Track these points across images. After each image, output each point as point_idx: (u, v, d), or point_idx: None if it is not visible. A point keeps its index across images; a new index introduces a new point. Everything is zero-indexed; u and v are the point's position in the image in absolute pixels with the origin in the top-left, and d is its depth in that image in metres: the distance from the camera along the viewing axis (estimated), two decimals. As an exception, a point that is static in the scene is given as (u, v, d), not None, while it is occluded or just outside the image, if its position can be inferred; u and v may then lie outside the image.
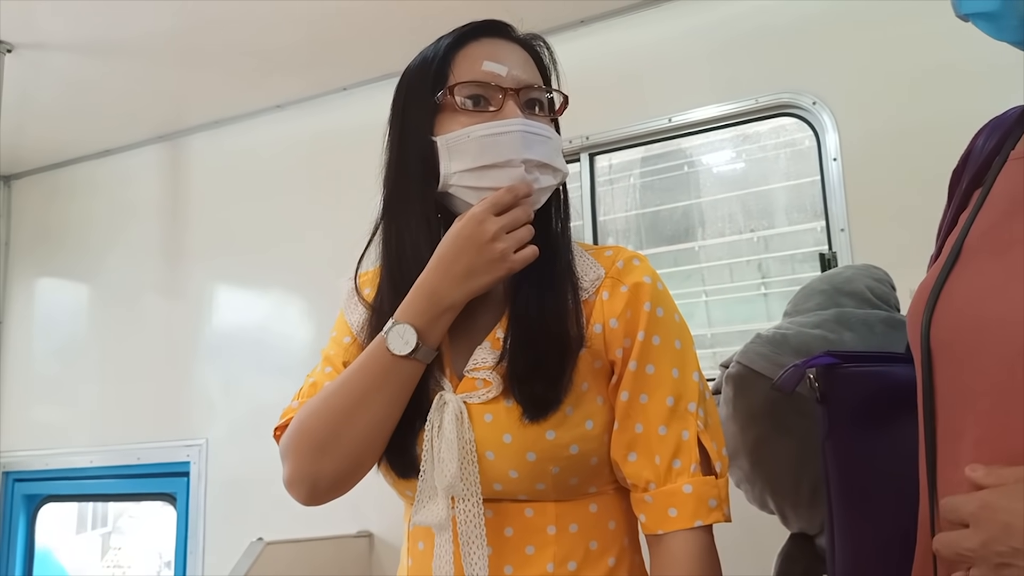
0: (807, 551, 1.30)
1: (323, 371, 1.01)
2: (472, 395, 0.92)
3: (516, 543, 0.90)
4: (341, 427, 0.90)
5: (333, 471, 0.91)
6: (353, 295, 1.04)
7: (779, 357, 1.21)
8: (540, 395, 0.89)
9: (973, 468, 0.64)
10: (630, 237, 2.50)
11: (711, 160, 2.45)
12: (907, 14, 2.01)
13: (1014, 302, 0.66)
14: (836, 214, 2.06)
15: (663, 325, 0.96)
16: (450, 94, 0.92)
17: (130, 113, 2.98)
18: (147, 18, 2.33)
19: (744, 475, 1.34)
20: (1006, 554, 0.58)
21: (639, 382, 0.93)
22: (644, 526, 0.93)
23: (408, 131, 0.97)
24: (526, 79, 0.95)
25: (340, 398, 0.91)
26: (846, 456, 0.95)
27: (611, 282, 0.96)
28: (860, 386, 0.95)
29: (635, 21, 2.41)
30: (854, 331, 1.24)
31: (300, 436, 0.92)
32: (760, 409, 1.25)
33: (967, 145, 0.88)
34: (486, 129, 0.90)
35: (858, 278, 1.36)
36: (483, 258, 0.87)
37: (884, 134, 2.02)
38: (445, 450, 0.88)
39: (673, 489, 0.90)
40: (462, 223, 0.89)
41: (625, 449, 0.92)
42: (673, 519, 0.89)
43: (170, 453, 2.92)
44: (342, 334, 1.03)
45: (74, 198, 3.40)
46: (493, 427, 0.90)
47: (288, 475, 0.93)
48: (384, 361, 0.89)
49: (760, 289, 2.32)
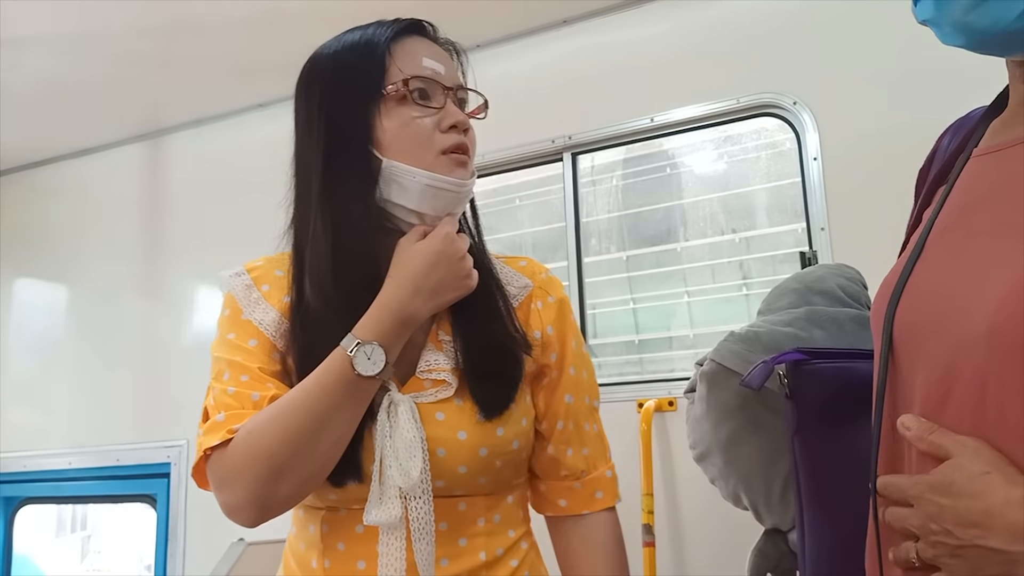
0: (780, 547, 1.32)
1: (239, 379, 0.92)
2: (422, 395, 0.94)
3: (450, 536, 0.93)
4: (303, 449, 0.85)
5: (289, 494, 0.87)
6: (252, 291, 0.98)
7: (751, 354, 1.23)
8: (498, 395, 0.96)
9: (906, 425, 0.69)
10: (612, 238, 2.50)
11: (693, 161, 2.46)
12: (886, 16, 2.02)
13: (968, 297, 0.68)
14: (816, 214, 2.08)
15: (579, 334, 1.08)
16: (404, 86, 0.93)
17: (110, 112, 2.96)
18: (128, 16, 2.31)
19: (718, 471, 1.36)
20: (939, 533, 0.64)
21: (572, 385, 1.04)
22: (564, 508, 1.05)
23: (341, 126, 0.95)
24: (457, 79, 1.01)
25: (301, 419, 0.85)
26: (814, 450, 0.96)
27: (541, 292, 1.06)
28: (827, 382, 0.97)
29: (617, 21, 2.42)
30: (824, 329, 1.26)
31: (254, 459, 0.85)
32: (733, 406, 1.27)
33: (933, 144, 0.90)
34: (430, 179, 0.92)
35: (829, 277, 1.38)
36: (453, 274, 0.92)
37: (864, 134, 2.04)
38: (404, 450, 0.88)
39: (599, 475, 1.07)
40: (434, 240, 0.91)
41: (564, 445, 1.04)
42: (599, 500, 1.06)
43: (150, 454, 2.90)
44: (244, 336, 0.95)
45: (52, 198, 3.37)
46: (445, 425, 0.93)
47: (235, 500, 0.86)
48: (348, 381, 0.87)
49: (742, 290, 2.33)
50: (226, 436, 0.86)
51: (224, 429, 0.87)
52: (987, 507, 0.61)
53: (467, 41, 1.03)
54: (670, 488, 2.12)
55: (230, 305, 0.98)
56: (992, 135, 0.79)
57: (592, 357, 2.40)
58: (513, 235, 2.62)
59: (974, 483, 0.62)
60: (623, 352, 2.45)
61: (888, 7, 2.01)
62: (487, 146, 2.56)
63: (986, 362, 0.64)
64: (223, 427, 0.88)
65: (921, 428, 0.68)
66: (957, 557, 0.63)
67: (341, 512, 0.93)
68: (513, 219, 2.63)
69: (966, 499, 0.62)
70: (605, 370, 2.43)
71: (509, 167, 2.55)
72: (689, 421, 1.44)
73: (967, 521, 0.62)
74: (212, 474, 0.88)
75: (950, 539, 0.63)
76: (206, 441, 0.88)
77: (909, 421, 0.69)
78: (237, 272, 1.00)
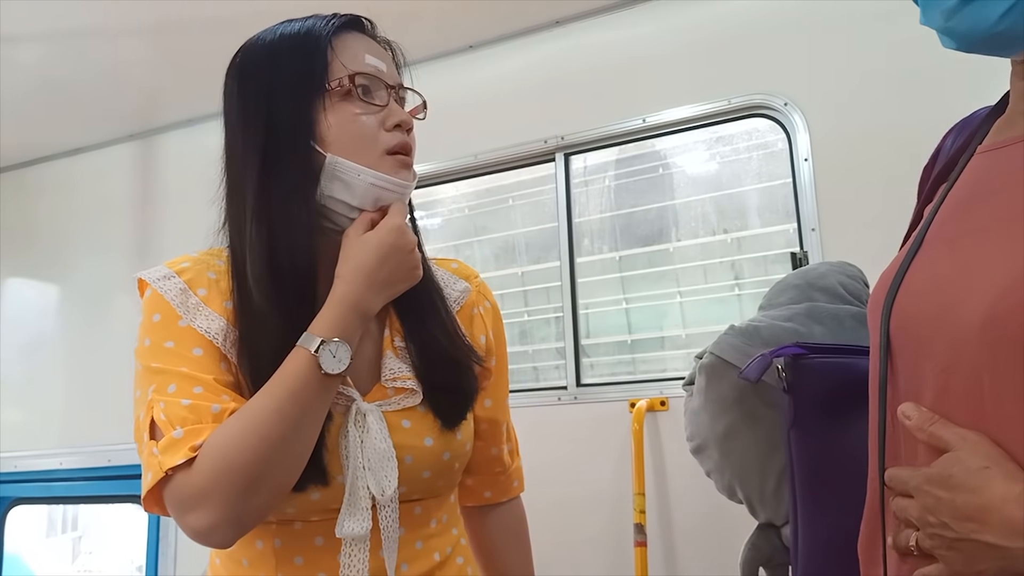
0: (773, 541, 1.32)
1: (192, 391, 0.84)
2: (386, 403, 0.93)
3: (408, 540, 0.94)
4: (277, 458, 0.81)
5: (263, 507, 0.82)
6: (188, 296, 0.91)
7: (750, 348, 1.24)
8: (457, 406, 0.97)
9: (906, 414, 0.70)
10: (605, 238, 2.51)
11: (685, 162, 2.46)
12: (877, 18, 2.04)
13: (965, 289, 0.68)
14: (807, 214, 2.09)
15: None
16: (349, 82, 0.91)
17: (102, 110, 2.95)
18: (120, 15, 2.31)
19: (714, 464, 1.36)
20: (936, 525, 0.65)
21: (504, 387, 1.11)
22: (489, 499, 1.13)
23: (280, 119, 0.91)
24: (397, 77, 0.98)
25: (273, 427, 0.80)
26: (809, 445, 0.97)
27: (479, 297, 1.08)
28: (826, 377, 0.97)
29: (609, 22, 2.42)
30: (824, 325, 1.27)
31: (228, 474, 0.79)
32: (731, 399, 1.28)
33: (937, 144, 0.91)
34: (376, 179, 0.90)
35: (831, 274, 1.39)
36: (404, 267, 0.91)
37: (854, 135, 2.05)
38: (377, 461, 0.88)
39: (516, 466, 1.15)
40: (386, 232, 0.89)
41: (501, 443, 1.10)
42: (515, 488, 1.15)
43: (134, 458, 2.89)
44: (186, 344, 0.88)
45: (45, 196, 3.36)
46: (412, 432, 0.93)
47: (209, 521, 0.79)
48: (315, 382, 0.83)
49: (734, 290, 2.34)
50: (189, 454, 0.80)
51: (186, 446, 0.80)
52: (985, 502, 0.61)
53: (459, 42, 1.03)
54: (662, 488, 2.12)
55: (161, 309, 0.90)
56: (995, 133, 0.80)
57: (584, 357, 2.42)
58: (506, 235, 2.62)
59: (973, 477, 0.63)
60: (615, 352, 2.45)
61: (878, 9, 2.03)
62: (480, 146, 2.59)
63: (982, 355, 0.65)
64: (184, 444, 0.81)
65: (921, 418, 0.68)
66: (954, 550, 0.64)
67: (296, 525, 0.90)
68: (506, 219, 2.64)
69: (964, 493, 0.63)
70: (597, 370, 2.44)
71: (502, 167, 2.55)
72: (687, 413, 1.45)
73: (964, 515, 0.62)
74: (176, 496, 0.81)
75: (947, 532, 0.64)
76: (167, 460, 0.80)
77: (909, 410, 0.70)
78: (165, 275, 0.93)
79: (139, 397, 0.88)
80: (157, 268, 0.94)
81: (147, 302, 0.92)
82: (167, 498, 0.82)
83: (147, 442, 0.84)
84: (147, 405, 0.85)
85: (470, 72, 2.57)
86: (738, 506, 1.41)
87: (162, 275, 0.93)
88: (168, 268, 0.94)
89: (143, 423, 0.86)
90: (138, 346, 0.91)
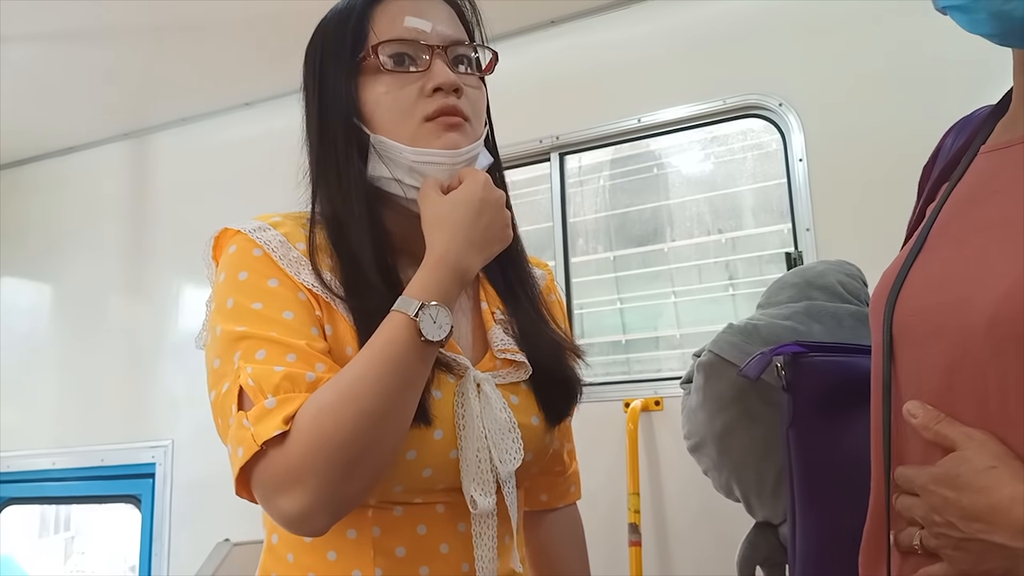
0: (770, 540, 1.32)
1: (285, 359, 0.76)
2: (497, 375, 0.86)
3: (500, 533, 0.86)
4: (377, 432, 0.72)
5: (360, 490, 0.74)
6: (289, 248, 0.83)
7: (749, 346, 1.24)
8: (569, 390, 0.92)
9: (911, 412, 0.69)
10: (599, 238, 2.51)
11: (680, 162, 2.46)
12: (872, 19, 2.04)
13: (970, 288, 0.68)
14: (802, 214, 2.09)
15: None
16: (373, 54, 0.85)
17: (95, 109, 2.94)
18: (113, 14, 2.30)
19: (712, 463, 1.36)
20: (943, 525, 0.64)
21: None
22: (545, 503, 1.05)
23: (328, 98, 0.88)
24: (452, 35, 0.89)
25: (372, 398, 0.72)
26: (808, 443, 0.97)
27: (553, 286, 1.05)
28: (825, 375, 0.97)
29: (605, 22, 2.42)
30: (823, 323, 1.27)
31: (325, 450, 0.70)
32: (729, 397, 1.28)
33: (937, 143, 0.91)
34: (416, 155, 0.84)
35: (830, 273, 1.39)
36: (498, 223, 0.83)
37: (849, 135, 2.06)
38: (498, 433, 0.81)
39: (575, 469, 1.08)
40: (474, 187, 0.82)
41: (564, 439, 1.04)
42: (572, 494, 1.07)
43: (134, 454, 2.88)
44: (278, 306, 0.79)
45: (37, 195, 3.34)
46: (521, 409, 0.86)
47: (305, 504, 0.70)
48: (415, 349, 0.74)
49: (728, 290, 2.34)
50: (283, 426, 0.70)
51: (280, 417, 0.71)
52: (993, 503, 0.61)
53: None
54: (656, 487, 2.12)
55: (249, 266, 0.81)
56: (999, 133, 0.80)
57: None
58: (500, 235, 2.61)
59: (980, 477, 0.62)
60: (610, 352, 2.45)
61: (873, 10, 2.03)
62: (475, 146, 2.57)
63: (987, 354, 0.65)
64: (278, 414, 0.71)
65: (927, 416, 0.68)
66: (960, 550, 0.63)
67: (396, 511, 0.80)
68: (500, 219, 2.63)
69: (971, 493, 0.62)
70: (592, 370, 2.44)
71: (497, 167, 2.55)
72: (684, 411, 1.44)
73: (972, 515, 0.62)
74: (267, 475, 0.71)
75: (953, 531, 0.63)
76: (261, 431, 0.70)
77: (915, 408, 0.69)
78: (259, 227, 0.85)
79: (218, 368, 0.78)
80: (247, 221, 0.86)
81: (231, 258, 0.83)
82: (257, 478, 0.72)
83: (235, 413, 0.74)
84: (233, 374, 0.76)
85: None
86: (732, 506, 1.41)
87: (256, 226, 0.85)
88: (261, 221, 0.86)
89: (227, 395, 0.76)
90: (215, 308, 0.81)
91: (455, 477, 0.80)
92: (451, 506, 0.82)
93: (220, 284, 0.82)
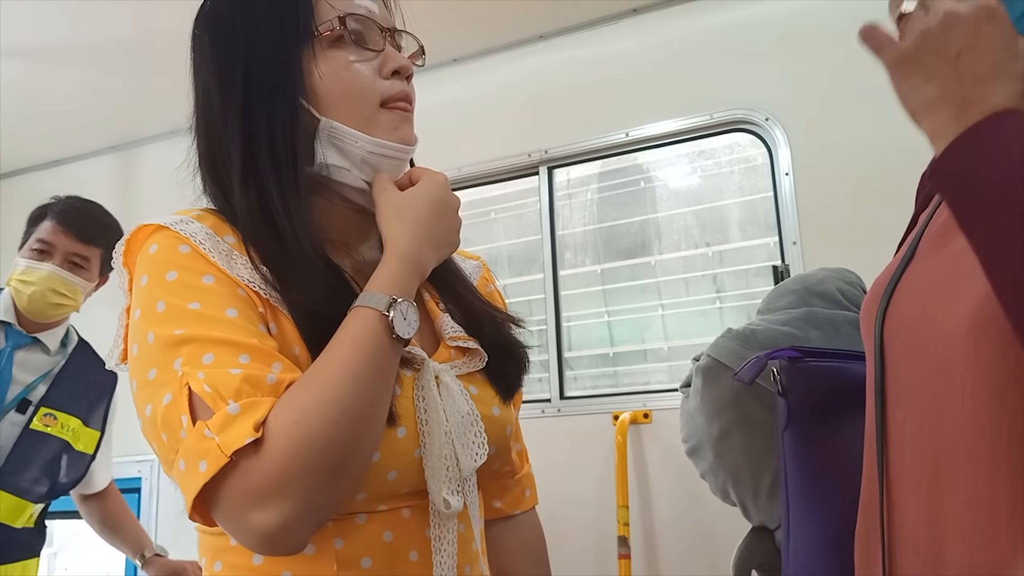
0: (766, 544, 1.32)
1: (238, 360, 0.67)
2: (454, 365, 0.82)
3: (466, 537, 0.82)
4: (361, 433, 0.67)
5: (342, 497, 0.68)
6: (218, 240, 0.76)
7: (747, 351, 1.25)
8: (519, 367, 0.88)
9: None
10: (587, 251, 2.52)
11: (667, 175, 2.48)
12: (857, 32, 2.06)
13: (953, 294, 0.69)
14: (788, 227, 2.10)
15: None
16: (340, 25, 0.79)
17: (82, 122, 2.93)
18: (101, 27, 2.30)
19: (709, 466, 1.37)
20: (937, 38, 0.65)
21: None
22: (498, 510, 0.96)
23: (262, 74, 0.79)
24: (392, 22, 0.85)
25: (353, 397, 0.66)
26: (803, 448, 0.97)
27: (490, 276, 1.01)
28: (820, 380, 0.97)
29: (593, 37, 2.44)
30: (820, 330, 1.28)
31: (310, 456, 0.63)
32: (726, 401, 1.28)
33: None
34: (375, 147, 0.79)
35: (829, 280, 1.41)
36: (454, 227, 0.82)
37: (834, 150, 2.08)
38: (461, 425, 0.77)
39: (527, 472, 0.99)
40: (432, 186, 0.80)
41: (515, 439, 0.94)
42: (528, 498, 0.98)
43: (120, 469, 2.84)
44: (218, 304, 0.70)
45: (21, 209, 3.32)
46: (481, 400, 0.82)
47: (284, 517, 0.63)
48: (389, 346, 0.70)
49: (715, 303, 2.35)
50: (255, 434, 0.63)
51: (250, 423, 0.63)
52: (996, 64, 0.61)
53: (444, 55, 1.01)
54: (645, 500, 2.12)
55: (178, 264, 0.72)
56: None
57: (567, 370, 2.42)
58: (489, 247, 2.62)
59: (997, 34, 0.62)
60: (598, 365, 2.45)
61: (859, 25, 2.05)
62: (464, 159, 2.59)
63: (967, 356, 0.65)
64: (246, 420, 0.63)
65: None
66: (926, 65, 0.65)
67: (359, 519, 0.73)
68: (489, 231, 2.64)
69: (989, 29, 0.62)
70: (580, 383, 2.44)
71: (485, 180, 2.56)
72: (683, 414, 1.45)
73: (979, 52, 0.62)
74: (241, 489, 0.63)
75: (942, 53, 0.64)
76: (229, 440, 0.62)
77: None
78: (182, 219, 0.76)
79: (156, 378, 0.68)
80: (165, 216, 0.77)
81: (154, 259, 0.73)
82: (224, 494, 0.63)
83: (187, 426, 0.65)
84: (178, 382, 0.66)
85: (454, 85, 2.58)
86: (721, 518, 1.42)
87: (178, 219, 0.76)
88: (182, 215, 0.78)
89: (171, 406, 0.66)
90: (141, 316, 0.71)
91: (420, 478, 0.75)
92: (417, 510, 0.76)
93: (143, 289, 0.72)
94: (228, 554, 0.74)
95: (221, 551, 0.75)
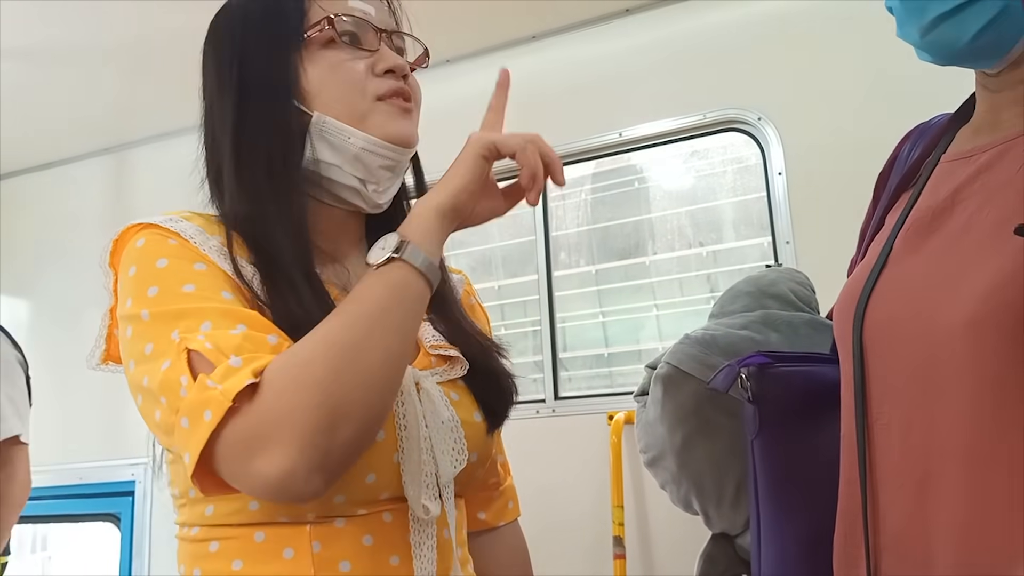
0: (728, 552, 1.32)
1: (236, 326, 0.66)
2: (434, 372, 0.81)
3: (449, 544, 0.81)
4: (356, 369, 0.64)
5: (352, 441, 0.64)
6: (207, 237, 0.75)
7: (708, 357, 1.24)
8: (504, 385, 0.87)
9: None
10: (581, 251, 2.52)
11: (661, 175, 2.48)
12: (849, 32, 2.07)
13: (939, 294, 0.69)
14: (781, 227, 2.11)
15: None
16: (329, 25, 0.79)
17: (74, 123, 2.92)
18: (92, 28, 2.29)
19: (670, 476, 1.35)
20: None
21: None
22: (483, 522, 0.96)
23: (256, 78, 0.80)
24: (392, 24, 0.85)
25: (343, 331, 0.65)
26: (775, 453, 0.97)
27: (472, 289, 1.00)
28: (792, 385, 0.97)
29: (586, 37, 2.44)
30: (780, 332, 1.27)
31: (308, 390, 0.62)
32: (689, 409, 1.27)
33: (893, 149, 0.92)
34: (367, 144, 0.78)
35: (782, 281, 1.40)
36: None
37: (827, 149, 2.08)
38: (440, 432, 0.76)
39: (510, 483, 1.00)
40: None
41: (498, 451, 0.97)
42: (511, 510, 1.00)
43: (114, 472, 2.84)
44: (213, 286, 0.70)
45: (13, 210, 3.31)
46: (462, 406, 0.81)
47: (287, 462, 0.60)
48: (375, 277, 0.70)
49: (709, 303, 2.35)
50: (253, 377, 0.61)
51: (248, 369, 0.62)
52: None
53: (437, 56, 1.00)
54: (640, 500, 2.12)
55: (169, 253, 0.72)
56: (961, 141, 0.81)
57: (562, 371, 2.42)
58: (483, 248, 2.62)
59: None
60: (593, 365, 2.46)
61: (852, 24, 2.06)
62: (457, 160, 2.58)
63: (964, 354, 0.65)
64: (246, 368, 0.62)
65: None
66: None
67: (338, 523, 0.72)
68: (483, 232, 2.64)
69: None
70: (575, 383, 2.44)
71: (479, 181, 2.55)
72: (640, 425, 1.42)
73: None
74: (237, 436, 0.61)
75: None
76: (231, 386, 0.61)
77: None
78: (171, 218, 0.76)
79: (152, 351, 0.67)
80: (154, 215, 0.77)
81: (142, 250, 0.73)
82: (228, 443, 0.61)
83: (187, 384, 0.63)
84: (175, 348, 0.65)
85: (447, 86, 2.57)
86: (717, 518, 1.41)
87: (168, 218, 0.76)
88: (170, 215, 0.77)
89: (170, 370, 0.65)
90: (133, 301, 0.71)
91: (398, 484, 0.73)
92: (399, 514, 0.75)
93: (131, 278, 0.72)
94: (207, 561, 0.74)
95: (200, 558, 0.74)
